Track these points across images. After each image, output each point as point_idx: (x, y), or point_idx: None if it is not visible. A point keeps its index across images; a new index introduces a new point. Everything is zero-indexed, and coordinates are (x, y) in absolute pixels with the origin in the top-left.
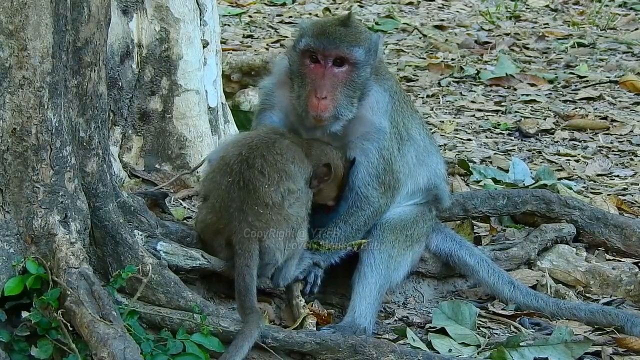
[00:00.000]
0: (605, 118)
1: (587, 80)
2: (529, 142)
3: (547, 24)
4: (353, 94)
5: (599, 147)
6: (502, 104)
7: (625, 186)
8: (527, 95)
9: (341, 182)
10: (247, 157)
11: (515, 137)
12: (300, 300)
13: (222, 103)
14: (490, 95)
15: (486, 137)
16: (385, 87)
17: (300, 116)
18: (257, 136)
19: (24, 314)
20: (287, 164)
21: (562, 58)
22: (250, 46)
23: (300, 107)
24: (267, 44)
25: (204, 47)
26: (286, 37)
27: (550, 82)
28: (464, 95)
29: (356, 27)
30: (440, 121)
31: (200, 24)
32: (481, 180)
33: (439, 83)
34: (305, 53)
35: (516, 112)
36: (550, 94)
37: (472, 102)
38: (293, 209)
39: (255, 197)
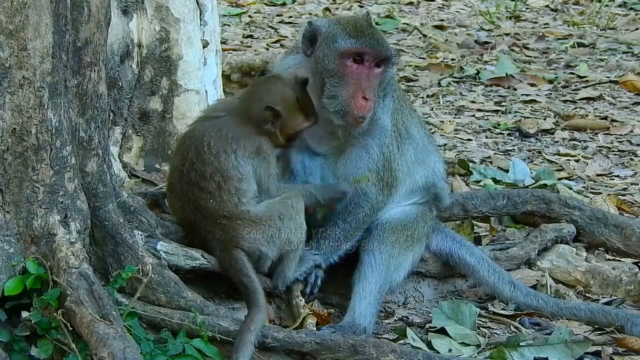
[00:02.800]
0: (605, 118)
1: (587, 80)
2: (529, 142)
3: (547, 24)
4: (380, 92)
5: (599, 147)
6: (502, 104)
7: (625, 186)
8: (527, 95)
9: (303, 103)
10: (182, 170)
11: (515, 137)
12: (300, 300)
13: None
14: (490, 95)
15: (486, 137)
16: None
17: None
18: (189, 134)
19: (24, 314)
20: (219, 158)
21: (562, 58)
22: (250, 46)
23: (337, 107)
24: (267, 44)
25: (204, 47)
26: (286, 37)
27: (550, 82)
28: (464, 95)
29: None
30: (440, 121)
31: (200, 24)
32: (481, 180)
33: (439, 83)
34: (347, 54)
35: (516, 112)
36: (550, 94)
37: (472, 102)
38: (255, 208)
39: (210, 215)
